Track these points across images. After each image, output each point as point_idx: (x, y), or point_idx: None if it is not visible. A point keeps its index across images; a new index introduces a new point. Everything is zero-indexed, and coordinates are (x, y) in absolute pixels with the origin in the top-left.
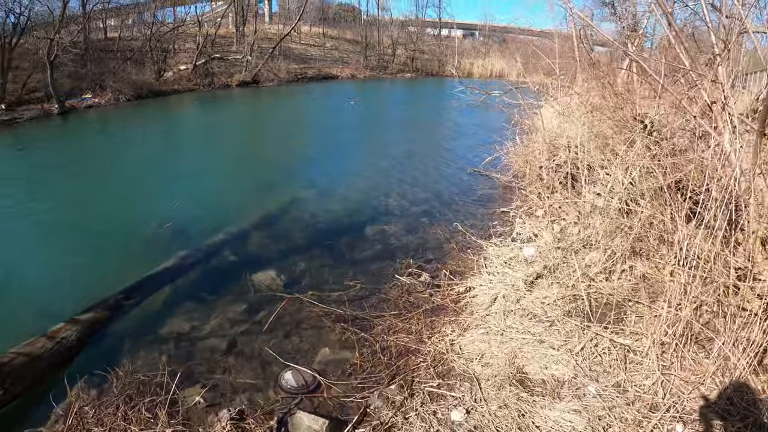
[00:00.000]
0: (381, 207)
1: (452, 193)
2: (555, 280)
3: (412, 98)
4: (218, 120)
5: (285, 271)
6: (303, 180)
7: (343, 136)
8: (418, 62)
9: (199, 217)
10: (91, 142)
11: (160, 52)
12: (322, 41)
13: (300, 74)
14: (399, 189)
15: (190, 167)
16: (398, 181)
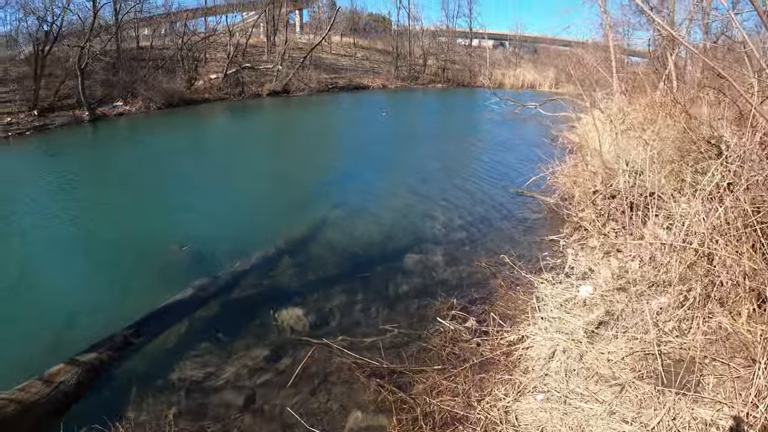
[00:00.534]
0: (418, 231)
1: (494, 216)
2: (620, 329)
3: (445, 109)
4: (247, 130)
5: (313, 309)
6: (334, 198)
7: (375, 150)
8: (449, 72)
9: (221, 238)
10: (119, 151)
11: (191, 61)
12: (353, 51)
13: (331, 84)
14: (436, 210)
15: (216, 181)
16: (435, 202)
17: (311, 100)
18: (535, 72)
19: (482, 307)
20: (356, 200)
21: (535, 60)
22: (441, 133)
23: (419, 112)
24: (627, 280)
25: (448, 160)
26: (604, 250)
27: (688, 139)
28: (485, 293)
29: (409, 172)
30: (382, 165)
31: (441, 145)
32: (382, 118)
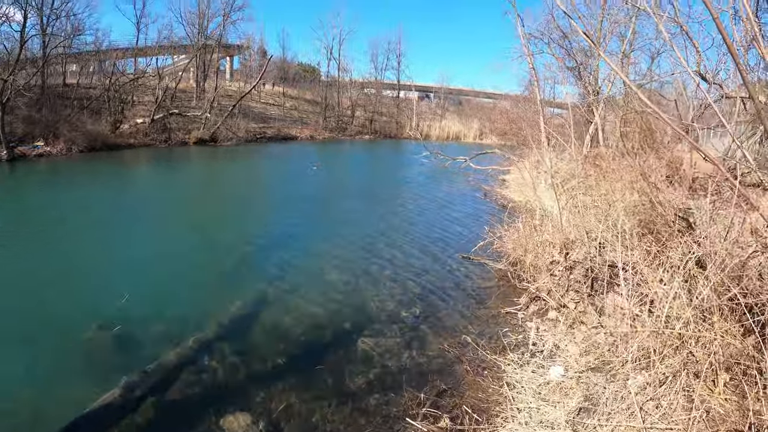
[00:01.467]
0: (368, 308)
1: (445, 286)
2: (603, 417)
3: (376, 163)
4: (173, 183)
5: (262, 414)
6: (271, 269)
7: (310, 210)
8: (377, 124)
9: (148, 317)
10: (35, 200)
11: (118, 102)
12: (282, 101)
13: (259, 134)
14: (384, 282)
15: (139, 246)
16: (381, 272)
17: (239, 151)
18: (460, 123)
19: (453, 401)
20: (295, 271)
21: (460, 112)
22: (376, 190)
23: (350, 166)
24: (599, 358)
25: (387, 222)
26: (567, 323)
27: (649, 208)
28: (453, 382)
29: (350, 236)
30: (320, 228)
31: (378, 205)
32: (313, 172)
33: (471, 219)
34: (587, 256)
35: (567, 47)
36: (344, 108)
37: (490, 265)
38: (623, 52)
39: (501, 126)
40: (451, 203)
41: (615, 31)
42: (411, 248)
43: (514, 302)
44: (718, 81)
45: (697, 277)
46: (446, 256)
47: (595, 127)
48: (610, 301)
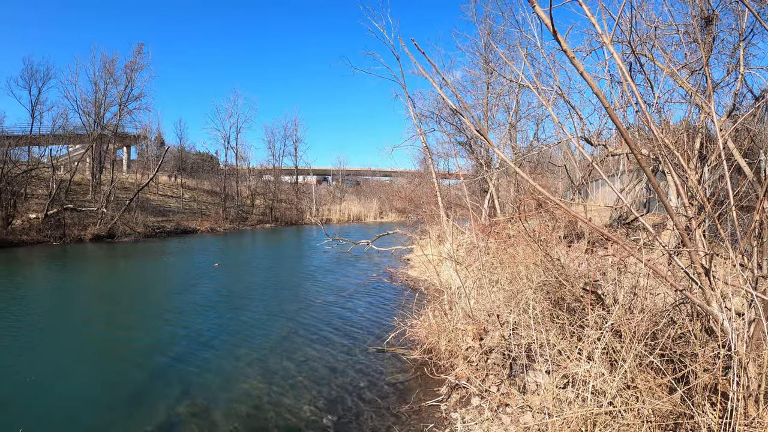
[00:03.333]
0: (284, 418)
1: (361, 385)
2: None
3: (279, 255)
4: (67, 288)
5: None
6: (177, 380)
7: (214, 314)
8: (278, 212)
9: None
10: None
11: (9, 195)
12: (180, 192)
13: (158, 228)
14: (298, 387)
15: (29, 362)
16: (294, 375)
17: (138, 248)
18: (359, 204)
19: None
20: (204, 383)
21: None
22: (281, 285)
23: (252, 260)
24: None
25: (293, 320)
26: (492, 407)
27: (557, 285)
28: None
29: (258, 340)
30: (225, 333)
31: (284, 302)
32: (214, 270)
33: (380, 306)
34: (501, 340)
35: (456, 123)
36: (244, 197)
37: (405, 355)
38: (510, 123)
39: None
40: (358, 291)
41: (500, 103)
42: (323, 346)
43: (435, 393)
44: (602, 141)
45: (616, 347)
46: (359, 350)
47: (491, 196)
48: (532, 379)
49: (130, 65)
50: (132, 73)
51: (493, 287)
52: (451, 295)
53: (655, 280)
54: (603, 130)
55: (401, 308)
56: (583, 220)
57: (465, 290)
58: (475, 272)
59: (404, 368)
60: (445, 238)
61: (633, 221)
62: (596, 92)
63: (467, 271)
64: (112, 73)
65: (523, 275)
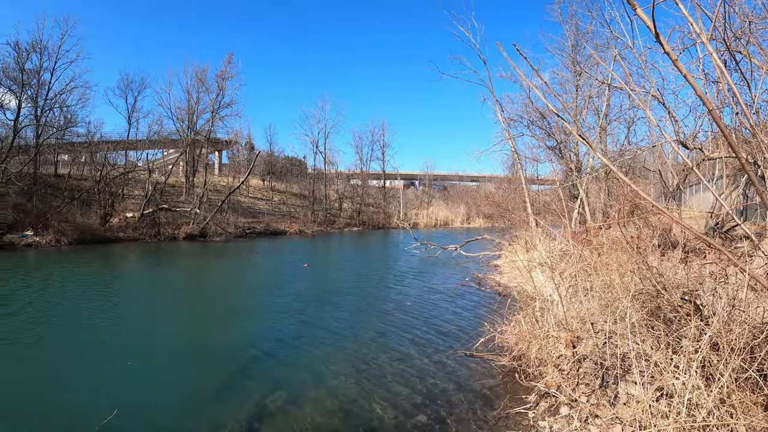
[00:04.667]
0: (372, 419)
1: (449, 388)
2: None
3: (367, 257)
4: (163, 282)
5: None
6: (268, 375)
7: (304, 312)
8: (365, 215)
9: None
10: (20, 292)
11: (108, 195)
12: (270, 195)
13: (248, 229)
14: (386, 388)
15: (126, 349)
16: (382, 377)
17: (229, 247)
18: (446, 209)
19: None
20: (293, 379)
21: (446, 197)
22: (366, 286)
23: (341, 262)
24: None
25: (382, 321)
26: (581, 418)
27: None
28: None
29: (347, 339)
30: (315, 331)
31: (370, 303)
32: (303, 270)
33: (469, 311)
34: (595, 349)
35: (546, 127)
36: (332, 201)
37: (494, 361)
38: (600, 126)
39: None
40: (446, 296)
41: (590, 106)
42: (410, 349)
43: (523, 400)
44: (698, 145)
45: (713, 361)
46: (447, 354)
47: (581, 202)
48: (623, 391)
49: (221, 74)
50: (223, 82)
51: (586, 295)
52: (543, 302)
53: (756, 292)
54: (698, 132)
55: (490, 314)
56: (687, 226)
57: (559, 297)
58: (568, 279)
59: (492, 374)
60: (534, 245)
61: (730, 230)
62: (699, 95)
63: (560, 278)
64: (203, 82)
65: (618, 283)
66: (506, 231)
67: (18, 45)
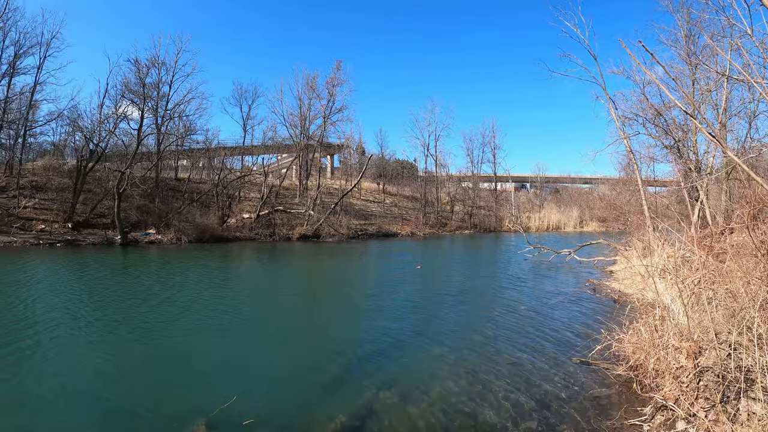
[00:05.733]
0: (483, 422)
1: (563, 394)
2: None
3: (479, 260)
4: (278, 277)
5: None
6: (378, 373)
7: (416, 312)
8: (476, 218)
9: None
10: (144, 282)
11: (225, 198)
12: (381, 197)
13: (360, 230)
14: (497, 391)
15: (243, 340)
16: (493, 379)
17: (341, 248)
18: (558, 212)
19: None
20: (403, 377)
21: (558, 200)
22: (478, 289)
23: (453, 264)
24: None
25: (494, 324)
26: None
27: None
28: None
29: (458, 340)
30: (427, 331)
31: (482, 305)
32: (416, 272)
33: (583, 318)
34: (717, 360)
35: (662, 125)
36: (443, 203)
37: (609, 370)
38: (720, 122)
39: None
40: (560, 301)
41: (708, 101)
42: (523, 353)
43: (638, 412)
44: None
45: None
46: (560, 360)
47: (701, 205)
48: (744, 407)
49: (331, 81)
50: (333, 88)
51: (710, 303)
52: (663, 310)
53: None
54: None
55: (606, 321)
56: None
57: (683, 305)
58: (690, 287)
59: (607, 383)
60: (652, 250)
61: None
62: None
63: (681, 285)
64: (314, 89)
65: (743, 292)
66: (621, 235)
67: (138, 61)
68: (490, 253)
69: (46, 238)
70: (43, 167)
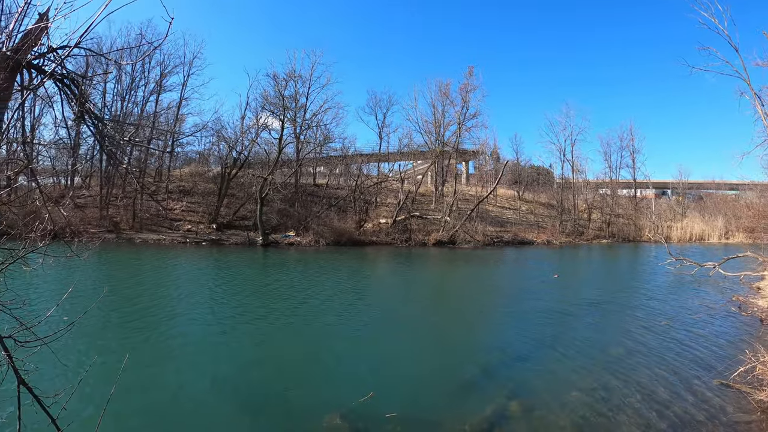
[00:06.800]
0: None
1: (699, 420)
2: None
3: (615, 271)
4: (414, 282)
5: None
6: (509, 381)
7: (550, 324)
8: (614, 227)
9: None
10: (285, 281)
11: (362, 203)
12: (517, 204)
13: (496, 238)
14: (630, 410)
15: (381, 339)
16: (627, 396)
17: (477, 254)
18: (702, 222)
19: None
20: (534, 388)
21: (701, 207)
22: (616, 301)
23: (589, 274)
24: None
25: (630, 338)
26: None
27: None
28: None
29: (589, 353)
30: (557, 341)
31: (620, 318)
32: (553, 281)
33: (726, 337)
34: None
35: None
36: (580, 211)
37: (750, 395)
38: None
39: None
40: (702, 318)
41: None
42: (659, 370)
43: None
44: None
45: None
46: (698, 380)
47: None
48: None
49: (464, 87)
50: (466, 94)
51: None
52: None
53: None
54: None
55: (749, 341)
56: None
57: None
58: None
59: (748, 408)
60: None
61: None
62: None
63: None
64: (447, 95)
65: None
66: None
67: (276, 76)
68: (629, 264)
69: (192, 237)
70: (189, 174)
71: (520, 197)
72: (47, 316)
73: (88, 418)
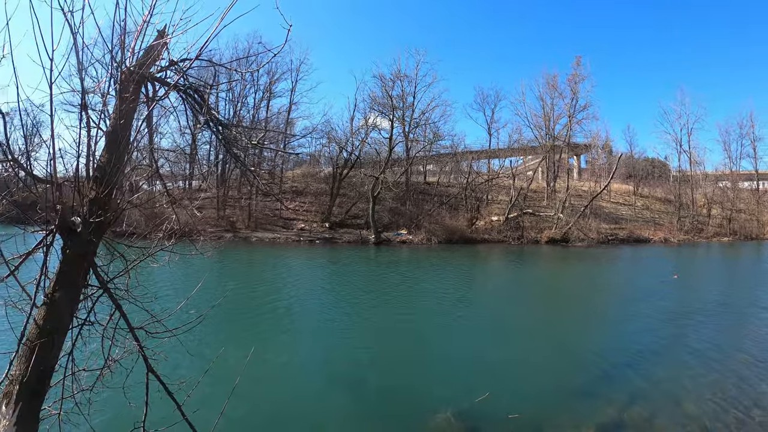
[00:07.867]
0: None
1: None
2: None
3: (739, 270)
4: (527, 282)
5: None
6: (624, 386)
7: (669, 326)
8: (736, 223)
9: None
10: (398, 278)
11: (474, 200)
12: (632, 200)
13: (610, 235)
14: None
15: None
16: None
17: (590, 253)
18: None
19: None
20: (647, 396)
21: None
22: (741, 303)
23: (711, 274)
24: None
25: (759, 345)
26: None
27: None
28: None
29: (709, 360)
30: (676, 347)
31: (745, 321)
32: (671, 282)
33: None
34: None
35: None
36: (699, 206)
37: None
38: None
39: None
40: None
41: None
42: None
43: None
44: None
45: None
46: None
47: None
48: None
49: (572, 78)
50: (575, 85)
51: None
52: None
53: None
54: None
55: None
56: None
57: None
58: None
59: None
60: None
61: None
62: None
63: None
64: (555, 87)
65: None
66: None
67: (382, 76)
68: (753, 264)
69: (306, 235)
70: (301, 174)
71: (636, 192)
72: (177, 309)
73: (211, 407)
